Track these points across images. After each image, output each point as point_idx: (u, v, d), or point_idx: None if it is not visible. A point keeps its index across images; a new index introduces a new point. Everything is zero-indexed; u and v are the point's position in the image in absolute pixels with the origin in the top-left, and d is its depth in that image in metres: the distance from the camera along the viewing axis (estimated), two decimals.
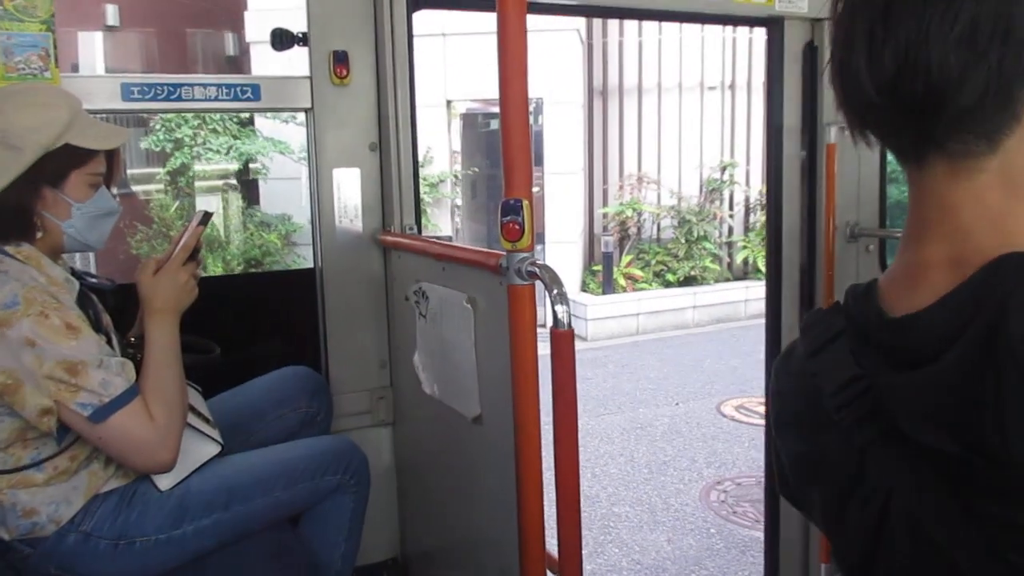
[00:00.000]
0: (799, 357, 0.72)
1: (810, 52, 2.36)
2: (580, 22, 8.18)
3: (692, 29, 8.85)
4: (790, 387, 0.74)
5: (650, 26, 8.83)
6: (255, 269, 7.98)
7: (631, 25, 8.87)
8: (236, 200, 8.24)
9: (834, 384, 0.65)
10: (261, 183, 8.43)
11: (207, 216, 1.64)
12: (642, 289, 8.49)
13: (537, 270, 1.32)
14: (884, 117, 0.62)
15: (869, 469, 0.63)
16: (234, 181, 8.42)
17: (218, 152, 7.97)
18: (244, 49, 8.48)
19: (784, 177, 2.43)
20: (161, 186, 8.28)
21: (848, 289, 0.71)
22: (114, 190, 1.62)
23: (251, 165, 8.30)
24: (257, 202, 8.54)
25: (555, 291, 1.29)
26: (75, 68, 7.38)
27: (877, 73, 0.60)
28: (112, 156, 1.58)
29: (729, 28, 8.71)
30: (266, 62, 7.40)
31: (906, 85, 0.58)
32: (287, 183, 8.01)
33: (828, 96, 2.35)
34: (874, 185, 2.46)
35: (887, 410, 0.60)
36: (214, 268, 7.88)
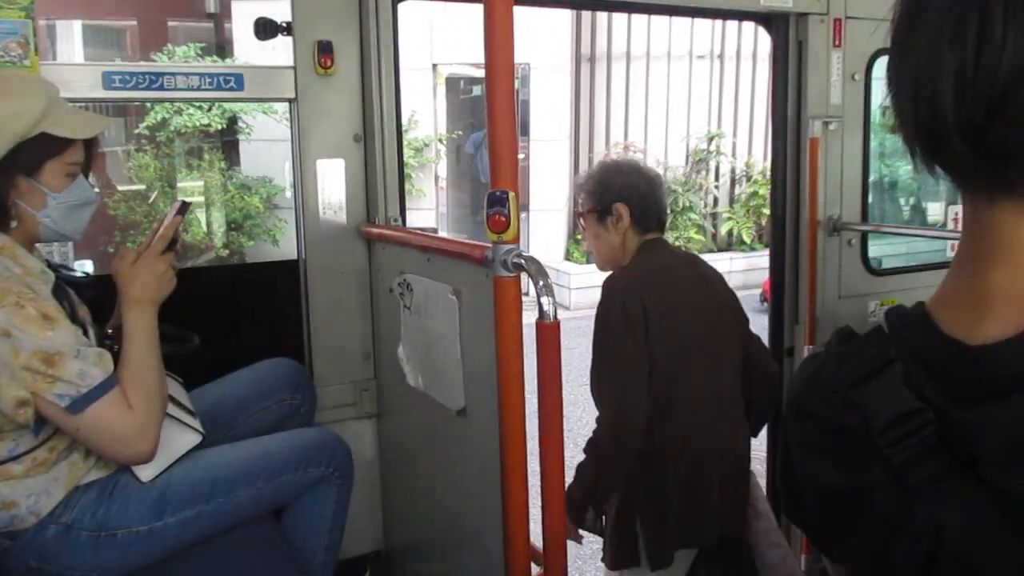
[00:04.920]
0: (836, 383, 0.67)
1: (797, 48, 2.34)
2: None
3: None
4: (824, 415, 0.68)
5: None
6: (235, 232, 7.88)
7: None
8: (217, 161, 8.09)
9: (887, 418, 0.61)
10: (243, 143, 8.28)
11: (185, 206, 1.62)
12: None
13: (523, 262, 1.31)
14: (959, 161, 0.58)
15: (918, 506, 0.60)
16: (216, 140, 8.26)
17: (200, 108, 7.80)
18: (225, 4, 8.28)
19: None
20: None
21: (890, 313, 0.66)
22: (92, 179, 1.58)
23: (235, 124, 8.12)
24: (238, 164, 8.39)
25: (541, 283, 1.29)
26: (50, 29, 7.17)
27: (965, 117, 0.55)
28: (90, 145, 1.54)
29: None
30: (248, 18, 7.24)
31: (995, 132, 0.55)
32: (269, 144, 7.86)
33: (812, 90, 2.34)
34: (857, 180, 2.46)
35: (953, 447, 0.58)
36: (196, 231, 7.77)
